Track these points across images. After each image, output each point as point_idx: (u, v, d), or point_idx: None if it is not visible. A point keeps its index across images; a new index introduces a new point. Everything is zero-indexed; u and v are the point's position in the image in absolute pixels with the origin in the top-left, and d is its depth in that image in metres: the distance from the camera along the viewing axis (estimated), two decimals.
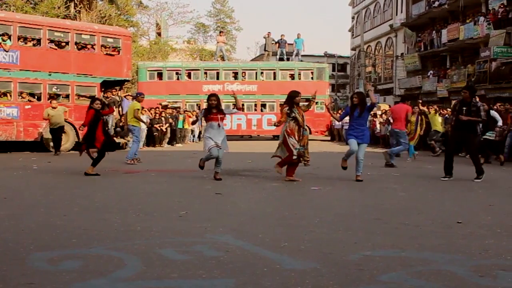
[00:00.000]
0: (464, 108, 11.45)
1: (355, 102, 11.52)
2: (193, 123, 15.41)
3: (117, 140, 20.51)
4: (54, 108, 18.53)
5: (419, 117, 17.28)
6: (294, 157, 11.06)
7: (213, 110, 11.18)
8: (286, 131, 11.08)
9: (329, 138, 32.80)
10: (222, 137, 11.26)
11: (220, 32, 41.70)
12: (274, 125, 12.51)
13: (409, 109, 16.32)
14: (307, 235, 6.08)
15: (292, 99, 11.24)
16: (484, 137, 15.60)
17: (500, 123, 16.85)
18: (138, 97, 15.84)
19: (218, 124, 11.14)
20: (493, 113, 16.79)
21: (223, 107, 12.03)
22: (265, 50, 37.34)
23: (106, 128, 13.20)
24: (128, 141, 21.72)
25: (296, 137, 11.05)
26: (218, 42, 36.23)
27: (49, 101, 19.20)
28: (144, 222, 6.73)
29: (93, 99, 12.97)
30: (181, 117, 26.45)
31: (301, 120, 11.14)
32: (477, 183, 11.30)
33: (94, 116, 11.88)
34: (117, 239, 5.79)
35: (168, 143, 25.09)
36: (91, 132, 11.88)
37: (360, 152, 11.40)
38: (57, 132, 18.70)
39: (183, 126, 26.74)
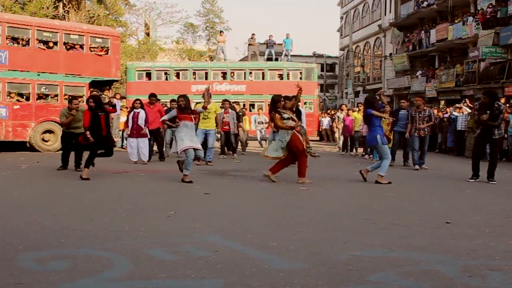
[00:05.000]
0: (488, 111, 11.40)
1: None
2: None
3: None
4: (74, 110, 12.95)
5: None
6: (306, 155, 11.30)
7: (185, 110, 11.27)
8: (296, 129, 11.12)
9: (317, 138, 32.75)
10: (195, 136, 11.46)
11: (220, 32, 42.00)
12: None
13: None
14: (296, 235, 6.09)
15: (275, 103, 11.27)
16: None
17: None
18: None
19: (192, 124, 11.31)
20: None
21: (208, 105, 12.03)
22: (248, 50, 37.39)
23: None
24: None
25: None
26: (218, 42, 36.29)
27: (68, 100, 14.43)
28: (133, 222, 6.71)
29: (88, 97, 12.62)
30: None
31: (297, 119, 11.22)
32: (469, 183, 11.45)
33: (91, 117, 11.43)
34: (106, 239, 5.78)
35: None
36: (95, 134, 11.41)
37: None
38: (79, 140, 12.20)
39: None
